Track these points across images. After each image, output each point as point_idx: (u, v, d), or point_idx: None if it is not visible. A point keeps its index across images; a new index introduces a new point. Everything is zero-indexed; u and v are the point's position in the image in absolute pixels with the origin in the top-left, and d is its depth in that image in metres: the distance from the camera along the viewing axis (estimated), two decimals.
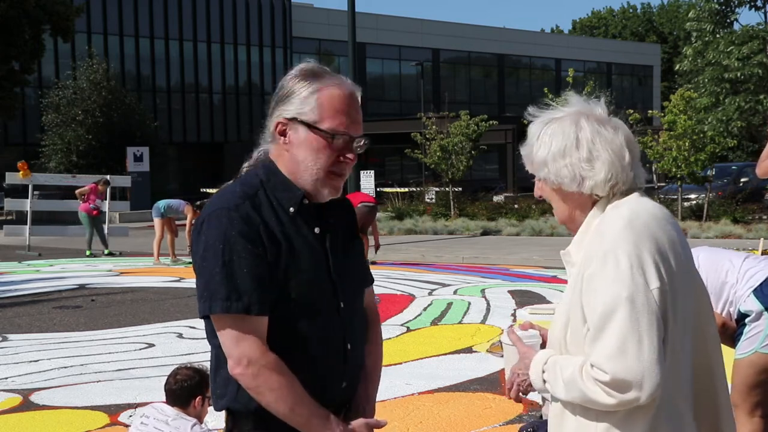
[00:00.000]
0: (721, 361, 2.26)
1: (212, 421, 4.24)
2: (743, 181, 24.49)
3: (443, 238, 19.16)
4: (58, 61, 36.46)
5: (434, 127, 22.69)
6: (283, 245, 2.16)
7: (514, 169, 33.36)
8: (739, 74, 26.28)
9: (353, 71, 19.63)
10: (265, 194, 2.21)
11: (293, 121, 2.19)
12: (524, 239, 18.29)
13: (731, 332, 3.92)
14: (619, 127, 2.21)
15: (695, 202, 20.32)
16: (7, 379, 6.93)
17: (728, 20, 27.75)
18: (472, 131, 22.30)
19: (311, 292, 2.19)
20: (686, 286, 2.12)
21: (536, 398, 5.12)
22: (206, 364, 2.91)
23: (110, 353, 7.82)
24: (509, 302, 10.21)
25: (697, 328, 2.17)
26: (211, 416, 4.11)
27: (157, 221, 15.38)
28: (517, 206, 22.54)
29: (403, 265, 14.36)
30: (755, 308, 3.83)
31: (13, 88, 28.55)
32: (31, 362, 7.50)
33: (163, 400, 4.00)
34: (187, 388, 3.89)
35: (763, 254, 5.66)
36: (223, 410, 2.27)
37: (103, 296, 11.41)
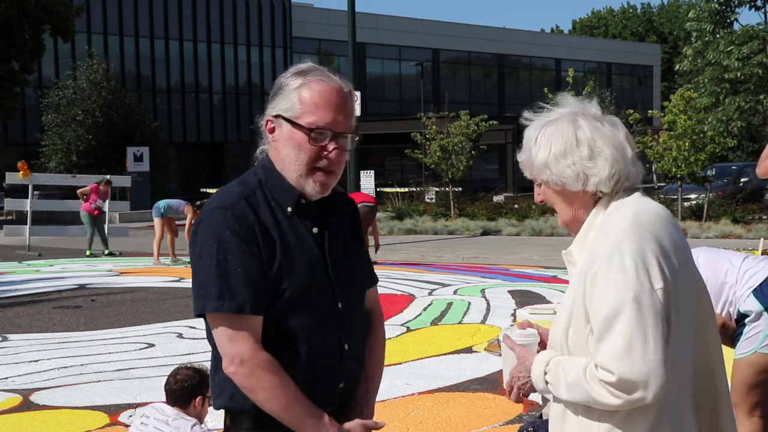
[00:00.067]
0: (721, 360, 2.27)
1: (212, 421, 4.24)
2: (743, 181, 24.49)
3: (443, 238, 19.16)
4: (58, 61, 36.46)
5: (434, 127, 22.70)
6: (278, 245, 2.16)
7: (514, 169, 33.34)
8: (739, 74, 26.27)
9: (353, 71, 19.62)
10: (263, 194, 2.22)
11: (278, 118, 2.21)
12: (524, 239, 18.29)
13: (731, 332, 3.92)
14: (616, 123, 2.21)
15: (695, 202, 20.31)
16: (7, 379, 6.93)
17: (728, 20, 27.74)
18: (472, 131, 22.31)
19: (306, 291, 2.18)
20: (687, 286, 2.12)
21: (536, 398, 5.13)
22: (206, 364, 2.91)
23: (110, 353, 7.82)
24: (509, 302, 10.21)
25: (698, 328, 2.17)
26: (211, 416, 4.11)
27: (157, 221, 15.39)
28: (517, 206, 22.54)
29: (403, 265, 14.36)
30: (755, 308, 3.83)
31: (13, 88, 28.55)
32: (31, 362, 7.50)
33: (163, 400, 4.00)
34: (187, 388, 3.89)
35: (763, 254, 5.66)
36: (221, 409, 2.28)
37: (103, 296, 11.41)
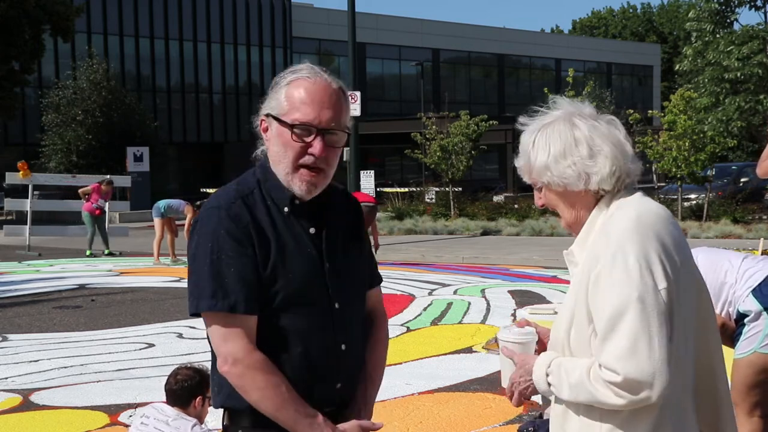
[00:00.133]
0: (722, 360, 2.27)
1: (212, 421, 4.24)
2: (743, 181, 24.50)
3: (443, 238, 19.16)
4: (58, 61, 36.45)
5: (434, 127, 22.70)
6: (273, 245, 2.16)
7: (514, 169, 33.04)
8: (739, 74, 26.26)
9: (353, 71, 19.62)
10: (261, 193, 2.23)
11: (269, 117, 2.23)
12: (524, 239, 18.29)
13: (730, 332, 3.93)
14: (612, 121, 2.22)
15: (695, 202, 20.32)
16: (7, 379, 6.93)
17: (728, 20, 27.73)
18: (472, 131, 22.31)
19: (301, 292, 2.18)
20: (688, 285, 2.13)
21: (536, 398, 5.13)
22: (206, 364, 2.92)
23: (110, 353, 7.82)
24: (509, 302, 10.21)
25: (698, 327, 2.17)
26: (211, 416, 4.11)
27: (157, 221, 15.39)
28: (517, 206, 22.53)
29: (403, 265, 14.35)
30: (754, 308, 3.83)
31: (13, 88, 28.55)
32: (31, 362, 7.50)
33: (163, 400, 4.00)
34: (187, 388, 3.89)
35: (763, 254, 5.66)
36: (220, 408, 2.28)
37: (103, 296, 11.41)
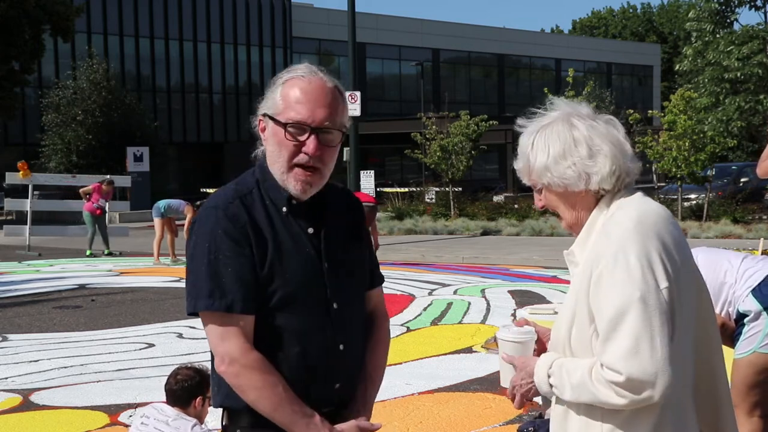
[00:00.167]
0: (722, 359, 2.27)
1: (212, 421, 4.24)
2: (743, 181, 24.50)
3: (443, 238, 19.16)
4: (58, 61, 36.45)
5: (434, 127, 22.70)
6: (270, 245, 2.17)
7: (514, 169, 33.25)
8: (739, 74, 26.27)
9: (353, 71, 19.62)
10: (259, 193, 2.23)
11: (265, 116, 2.24)
12: (524, 239, 18.29)
13: (730, 332, 3.92)
14: (610, 120, 2.22)
15: (695, 202, 20.32)
16: (7, 379, 6.93)
17: (728, 20, 27.74)
18: (472, 131, 22.31)
19: (298, 292, 2.18)
20: (689, 285, 2.13)
21: (536, 398, 5.13)
22: (206, 364, 2.92)
23: (110, 353, 7.82)
24: (509, 302, 10.21)
25: (698, 327, 2.17)
26: (211, 416, 4.11)
27: (157, 221, 15.39)
28: (517, 206, 22.53)
29: (403, 265, 14.35)
30: (754, 308, 3.83)
31: (13, 88, 28.55)
32: (31, 362, 7.50)
33: (163, 400, 4.00)
34: (187, 388, 3.89)
35: (762, 254, 5.66)
36: (219, 407, 2.28)
37: (103, 296, 11.41)
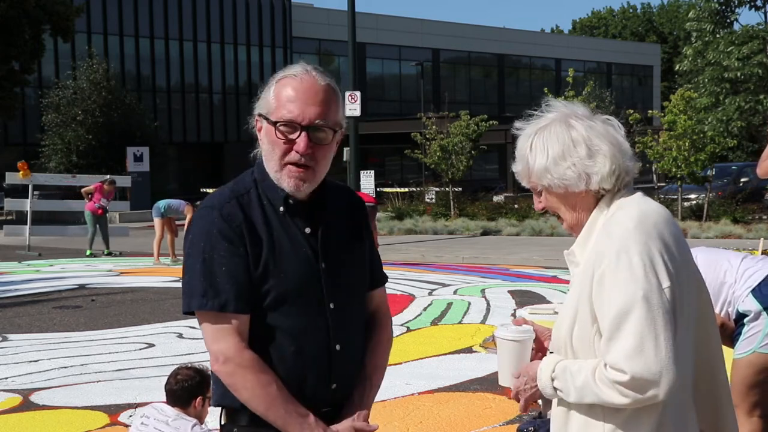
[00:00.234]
0: (722, 359, 2.27)
1: (212, 421, 4.24)
2: (743, 181, 24.50)
3: (443, 238, 19.16)
4: (58, 61, 36.44)
5: (434, 127, 22.70)
6: (265, 245, 2.17)
7: None
8: (739, 74, 26.27)
9: (353, 71, 19.63)
10: (257, 193, 2.23)
11: (260, 116, 2.24)
12: (524, 239, 18.29)
13: (730, 332, 3.92)
14: (608, 120, 2.22)
15: (695, 202, 20.32)
16: (7, 379, 6.94)
17: (728, 20, 27.74)
18: (472, 131, 22.31)
19: (292, 291, 2.18)
20: (689, 284, 2.13)
21: None
22: (206, 364, 2.91)
23: (110, 353, 7.82)
24: (509, 302, 10.21)
25: (698, 327, 2.18)
26: (211, 416, 4.11)
27: (157, 221, 15.40)
28: (517, 206, 22.52)
29: (403, 265, 14.35)
30: (754, 308, 3.83)
31: (13, 88, 28.54)
32: (31, 362, 7.51)
33: (163, 400, 4.00)
34: (187, 388, 3.89)
35: (762, 254, 5.66)
36: (218, 406, 2.28)
37: (103, 296, 11.41)
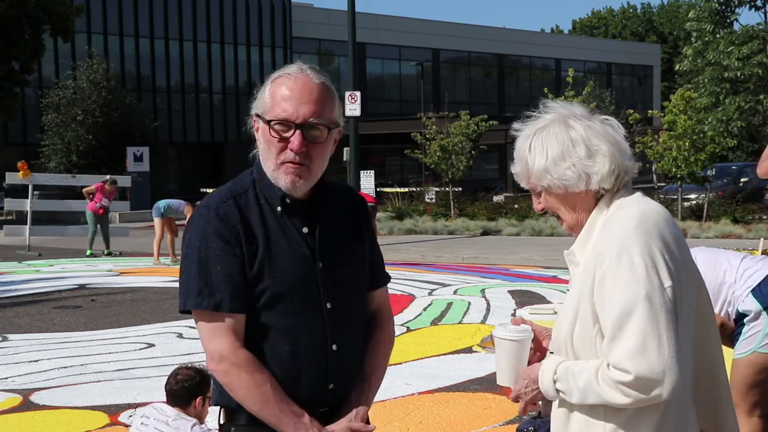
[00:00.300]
0: (722, 358, 2.28)
1: (212, 421, 4.24)
2: (743, 181, 24.51)
3: (443, 238, 19.16)
4: (58, 61, 36.44)
5: (434, 127, 22.70)
6: (261, 244, 2.17)
7: None
8: (739, 74, 26.26)
9: (353, 71, 19.63)
10: (254, 193, 2.23)
11: (256, 116, 2.26)
12: (524, 239, 18.29)
13: (730, 332, 3.92)
14: (606, 120, 2.22)
15: (695, 202, 20.32)
16: (7, 379, 6.94)
17: (728, 20, 27.73)
18: (472, 131, 22.31)
19: (289, 292, 2.18)
20: (689, 284, 2.13)
21: None
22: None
23: (110, 353, 7.82)
24: (509, 302, 10.21)
25: (698, 327, 2.18)
26: (211, 416, 4.11)
27: (157, 221, 15.40)
28: (517, 206, 22.52)
29: (403, 265, 14.35)
30: (753, 308, 3.83)
31: (13, 88, 28.54)
32: (31, 362, 7.51)
33: (163, 400, 4.00)
34: (187, 388, 3.89)
35: (762, 254, 5.66)
36: (217, 405, 2.28)
37: (103, 296, 11.42)
